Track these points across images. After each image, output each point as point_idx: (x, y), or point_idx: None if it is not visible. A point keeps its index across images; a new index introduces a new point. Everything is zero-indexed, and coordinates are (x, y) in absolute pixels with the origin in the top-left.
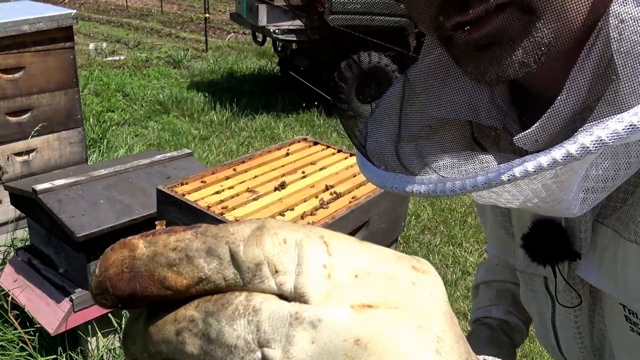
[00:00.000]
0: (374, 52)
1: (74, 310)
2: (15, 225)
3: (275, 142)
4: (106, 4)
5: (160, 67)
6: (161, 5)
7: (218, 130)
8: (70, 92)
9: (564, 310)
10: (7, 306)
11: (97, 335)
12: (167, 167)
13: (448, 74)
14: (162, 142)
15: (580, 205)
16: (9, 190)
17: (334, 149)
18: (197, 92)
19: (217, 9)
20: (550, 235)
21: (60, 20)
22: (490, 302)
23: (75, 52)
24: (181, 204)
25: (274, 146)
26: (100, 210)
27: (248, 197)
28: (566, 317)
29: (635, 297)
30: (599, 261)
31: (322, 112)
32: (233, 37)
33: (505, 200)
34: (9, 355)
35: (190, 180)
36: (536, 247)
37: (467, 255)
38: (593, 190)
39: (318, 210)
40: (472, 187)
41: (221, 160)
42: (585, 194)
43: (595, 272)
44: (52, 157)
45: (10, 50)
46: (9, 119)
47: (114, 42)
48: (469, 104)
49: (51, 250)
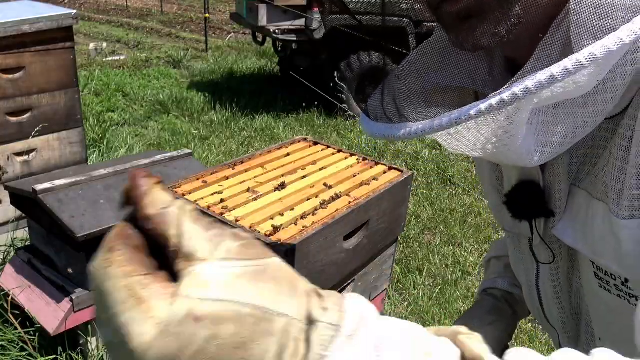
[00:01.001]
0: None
1: (74, 310)
2: (15, 225)
3: (275, 142)
4: (106, 4)
5: (160, 67)
6: (161, 5)
7: (218, 130)
8: (70, 92)
9: (546, 271)
10: (7, 306)
11: (97, 335)
12: (167, 167)
13: (441, 45)
14: (162, 142)
15: (539, 157)
16: (9, 190)
17: (334, 149)
18: (197, 92)
19: (217, 9)
20: (529, 194)
21: (60, 20)
22: (498, 274)
23: (76, 52)
24: None
25: (274, 146)
26: (100, 210)
27: (248, 197)
28: (548, 277)
29: (600, 252)
30: (573, 222)
31: (322, 112)
32: (233, 37)
33: (465, 147)
34: (9, 355)
35: (190, 180)
36: (516, 204)
37: (467, 255)
38: (551, 144)
39: (318, 210)
40: (438, 127)
41: (221, 160)
42: (544, 148)
43: (571, 232)
44: (52, 157)
45: (10, 50)
46: (9, 119)
47: (114, 42)
48: (455, 71)
49: (51, 250)
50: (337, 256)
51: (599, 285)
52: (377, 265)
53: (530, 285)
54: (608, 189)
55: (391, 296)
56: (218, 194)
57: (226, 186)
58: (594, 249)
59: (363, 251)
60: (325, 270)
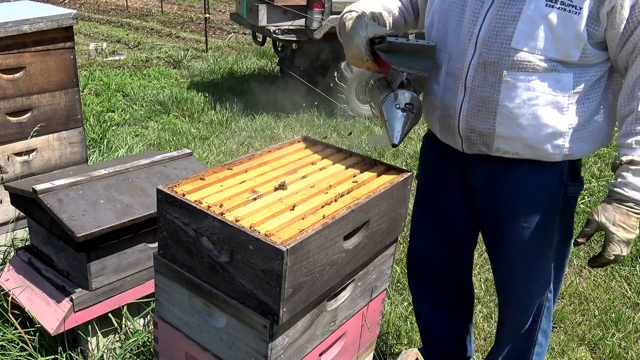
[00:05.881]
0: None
1: (74, 310)
2: (15, 225)
3: (275, 142)
4: (106, 4)
5: (160, 67)
6: (161, 5)
7: (218, 130)
8: (71, 92)
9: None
10: (7, 306)
11: (97, 335)
12: (167, 167)
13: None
14: (162, 142)
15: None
16: (9, 190)
17: (334, 149)
18: (197, 92)
19: (217, 9)
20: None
21: (61, 20)
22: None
23: (76, 52)
24: (181, 204)
25: (274, 146)
26: (100, 210)
27: (248, 197)
28: (500, 6)
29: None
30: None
31: (322, 112)
32: (233, 37)
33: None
34: (9, 355)
35: (190, 180)
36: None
37: None
38: None
39: (318, 210)
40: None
41: (221, 160)
42: None
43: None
44: (52, 157)
45: (10, 50)
46: (9, 119)
47: (114, 42)
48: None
49: (51, 250)
50: (337, 256)
51: (546, 4)
52: (377, 265)
53: (475, 15)
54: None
55: (391, 296)
56: (218, 193)
57: (226, 186)
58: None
59: (363, 251)
60: (325, 270)
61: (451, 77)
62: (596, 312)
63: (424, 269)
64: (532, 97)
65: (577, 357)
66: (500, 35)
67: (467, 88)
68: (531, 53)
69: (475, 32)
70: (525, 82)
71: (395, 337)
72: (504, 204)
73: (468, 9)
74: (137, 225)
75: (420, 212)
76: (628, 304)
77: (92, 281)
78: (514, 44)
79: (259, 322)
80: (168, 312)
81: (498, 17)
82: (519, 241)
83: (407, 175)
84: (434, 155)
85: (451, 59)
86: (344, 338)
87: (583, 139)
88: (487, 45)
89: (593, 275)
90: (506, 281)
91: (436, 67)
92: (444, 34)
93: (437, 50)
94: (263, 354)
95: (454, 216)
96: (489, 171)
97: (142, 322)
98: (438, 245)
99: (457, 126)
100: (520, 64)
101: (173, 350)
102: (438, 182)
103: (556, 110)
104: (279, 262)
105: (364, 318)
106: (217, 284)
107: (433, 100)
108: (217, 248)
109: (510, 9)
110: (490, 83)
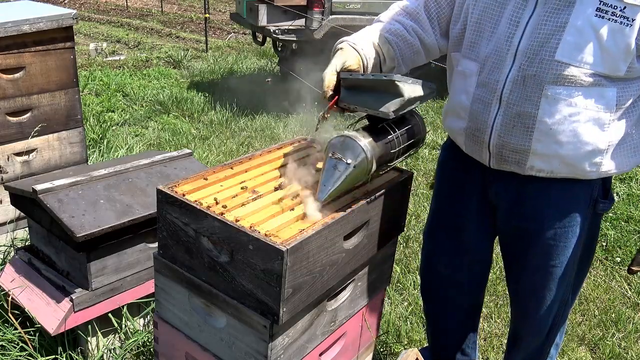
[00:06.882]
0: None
1: (74, 310)
2: (15, 225)
3: (275, 142)
4: (106, 4)
5: (160, 67)
6: (161, 5)
7: (218, 130)
8: (71, 92)
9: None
10: (7, 306)
11: (97, 335)
12: (167, 167)
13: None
14: (162, 142)
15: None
16: (9, 190)
17: None
18: (197, 92)
19: (217, 9)
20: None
21: (61, 20)
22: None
23: (76, 52)
24: (181, 204)
25: (274, 146)
26: (100, 210)
27: (248, 197)
28: (542, 15)
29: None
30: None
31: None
32: (233, 37)
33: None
34: (9, 355)
35: (191, 180)
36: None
37: None
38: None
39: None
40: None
41: (221, 160)
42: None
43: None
44: (52, 157)
45: (10, 50)
46: (9, 119)
47: (114, 42)
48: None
49: (51, 250)
50: (337, 256)
51: (595, 15)
52: (377, 265)
53: (515, 22)
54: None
55: (391, 296)
56: (218, 193)
57: (226, 186)
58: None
59: (363, 251)
60: (325, 270)
61: (484, 89)
62: (596, 312)
63: (442, 294)
64: (573, 113)
65: (577, 357)
66: (544, 47)
67: (502, 102)
68: (577, 67)
69: (514, 43)
70: (567, 97)
71: (395, 337)
72: (531, 222)
73: (506, 15)
74: (137, 225)
75: (440, 236)
76: (628, 304)
77: (92, 281)
78: (558, 56)
79: (259, 322)
80: (168, 312)
81: (542, 26)
82: (544, 257)
83: (407, 175)
84: (454, 164)
85: (484, 70)
86: (344, 338)
87: (621, 155)
88: (529, 58)
89: (593, 276)
90: (526, 296)
91: (463, 75)
92: (475, 41)
93: (397, 84)
94: (263, 354)
95: (471, 231)
96: (515, 191)
97: (142, 322)
98: (458, 270)
99: (487, 141)
100: (564, 78)
101: (173, 350)
102: (454, 190)
103: (597, 127)
104: (279, 262)
105: (364, 318)
106: (217, 284)
107: (459, 111)
108: (217, 248)
109: (556, 18)
110: (529, 98)
